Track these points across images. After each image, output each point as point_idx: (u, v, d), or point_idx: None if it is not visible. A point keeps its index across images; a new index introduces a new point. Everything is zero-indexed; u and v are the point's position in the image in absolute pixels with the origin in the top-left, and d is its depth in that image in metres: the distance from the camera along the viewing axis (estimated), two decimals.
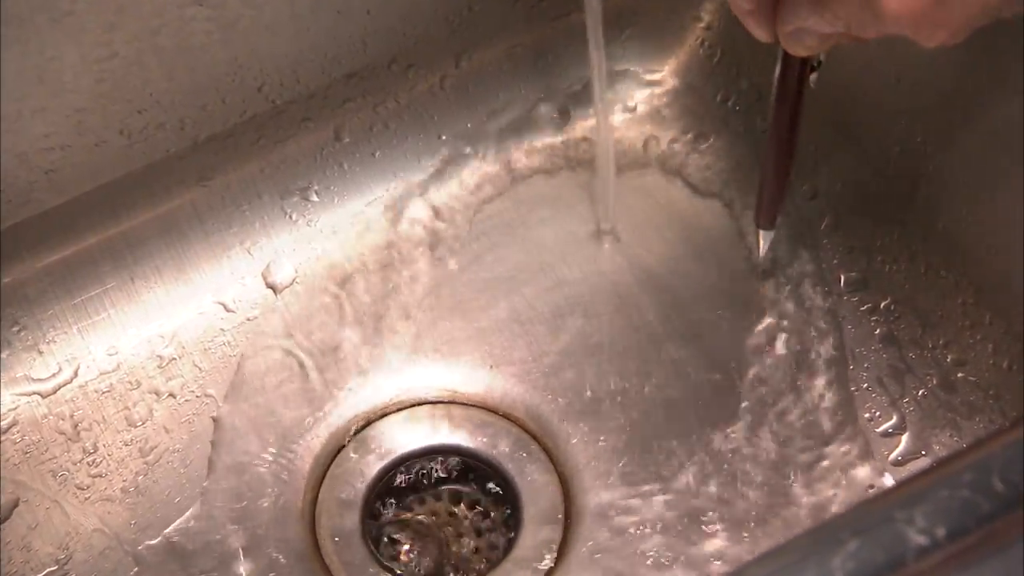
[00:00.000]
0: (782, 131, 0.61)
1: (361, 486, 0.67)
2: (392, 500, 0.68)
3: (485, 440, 0.68)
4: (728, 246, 0.72)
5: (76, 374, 0.69)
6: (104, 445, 0.68)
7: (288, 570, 0.64)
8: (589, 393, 0.69)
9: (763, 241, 0.69)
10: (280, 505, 0.66)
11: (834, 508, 0.65)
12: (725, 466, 0.66)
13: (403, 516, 0.67)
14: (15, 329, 0.69)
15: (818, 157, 0.71)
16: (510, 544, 0.66)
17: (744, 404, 0.68)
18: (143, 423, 0.68)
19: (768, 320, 0.70)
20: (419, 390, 0.70)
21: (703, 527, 0.64)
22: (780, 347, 0.69)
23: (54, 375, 0.69)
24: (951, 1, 0.42)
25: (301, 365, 0.70)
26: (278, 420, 0.68)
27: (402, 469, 0.68)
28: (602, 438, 0.67)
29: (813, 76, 0.57)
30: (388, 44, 0.71)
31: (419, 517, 0.67)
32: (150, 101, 0.66)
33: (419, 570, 0.66)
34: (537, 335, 0.70)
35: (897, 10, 0.43)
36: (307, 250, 0.72)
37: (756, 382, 0.68)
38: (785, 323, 0.70)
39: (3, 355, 0.69)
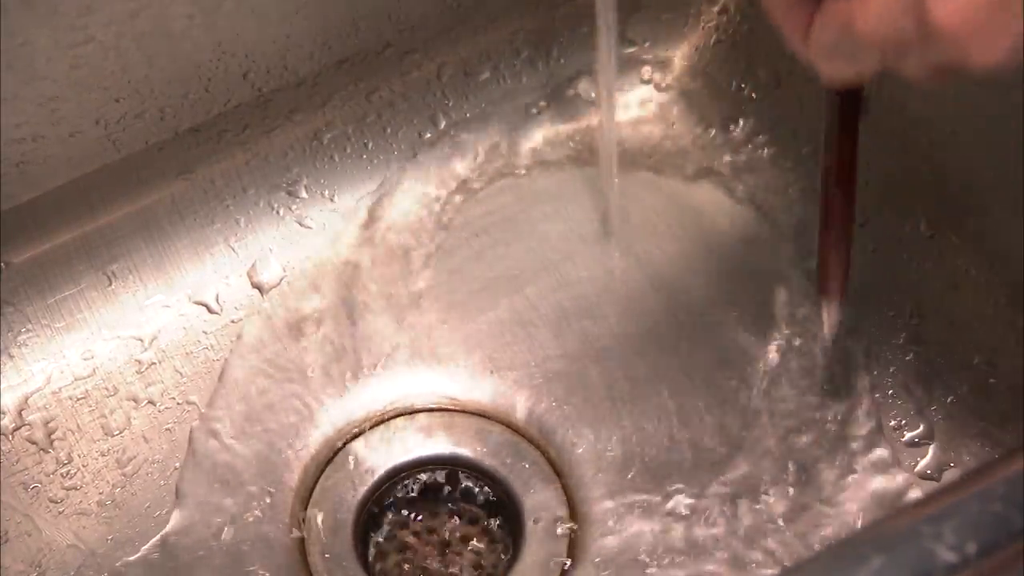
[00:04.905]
0: (840, 182, 0.58)
1: (353, 500, 0.67)
2: (386, 515, 0.68)
3: (485, 450, 0.68)
4: (742, 243, 0.72)
5: (49, 380, 0.69)
6: (79, 455, 0.68)
7: None
8: (596, 399, 0.69)
9: (828, 316, 0.65)
10: (267, 519, 0.66)
11: (857, 523, 0.65)
12: (741, 477, 0.66)
13: (397, 532, 0.67)
14: None
15: None
16: (512, 561, 0.66)
17: (759, 410, 0.68)
18: (120, 432, 0.68)
19: (784, 321, 0.70)
20: (415, 397, 0.70)
21: (717, 541, 0.65)
22: (797, 351, 0.69)
23: (25, 381, 0.69)
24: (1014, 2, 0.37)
25: (289, 371, 0.69)
26: (264, 429, 0.68)
27: (397, 481, 0.68)
28: (610, 448, 0.67)
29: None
30: (382, 28, 0.71)
31: (414, 533, 0.67)
32: (128, 89, 0.66)
33: None
34: (540, 338, 0.70)
35: (947, 16, 0.38)
36: (295, 248, 0.72)
37: (772, 387, 0.68)
38: (802, 325, 0.69)
39: None
